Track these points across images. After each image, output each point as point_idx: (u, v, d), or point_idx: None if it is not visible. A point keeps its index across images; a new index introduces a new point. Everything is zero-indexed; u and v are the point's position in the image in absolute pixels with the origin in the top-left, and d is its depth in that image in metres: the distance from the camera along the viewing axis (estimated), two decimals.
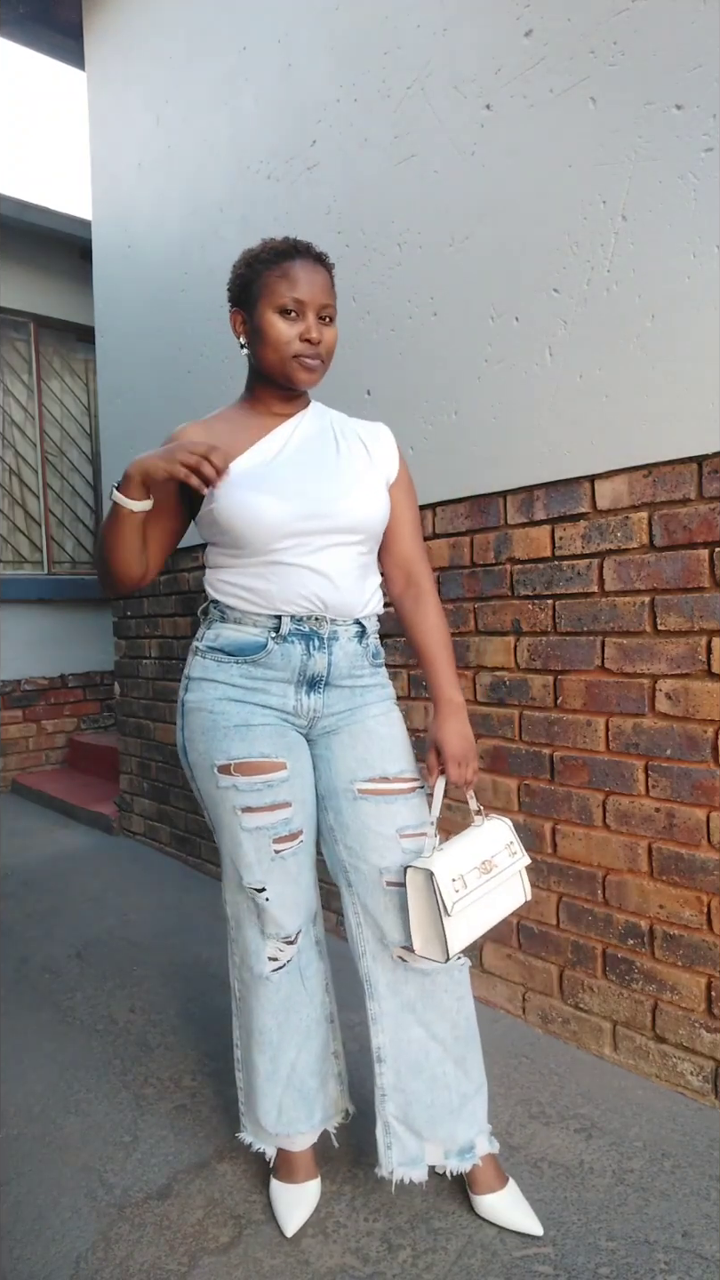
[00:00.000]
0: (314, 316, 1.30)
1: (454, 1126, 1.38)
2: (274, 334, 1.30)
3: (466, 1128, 1.39)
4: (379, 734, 1.39)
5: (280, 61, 2.55)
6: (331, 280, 1.34)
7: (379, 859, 1.34)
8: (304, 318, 1.29)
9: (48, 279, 5.02)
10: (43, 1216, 1.44)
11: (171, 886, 3.11)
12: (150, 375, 3.37)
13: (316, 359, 1.32)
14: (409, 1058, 1.38)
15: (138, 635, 3.65)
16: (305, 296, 1.29)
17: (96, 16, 3.56)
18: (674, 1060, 1.72)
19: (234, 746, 1.32)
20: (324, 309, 1.31)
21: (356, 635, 1.38)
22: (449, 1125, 1.38)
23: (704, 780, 1.64)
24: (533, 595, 1.94)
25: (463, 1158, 1.39)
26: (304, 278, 1.29)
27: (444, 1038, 1.38)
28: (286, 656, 1.33)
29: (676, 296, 1.62)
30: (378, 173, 2.24)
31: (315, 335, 1.30)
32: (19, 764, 4.91)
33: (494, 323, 1.97)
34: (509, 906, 1.37)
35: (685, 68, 1.58)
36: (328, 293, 1.32)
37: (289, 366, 1.31)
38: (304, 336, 1.29)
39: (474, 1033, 1.41)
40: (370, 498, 1.36)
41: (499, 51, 1.90)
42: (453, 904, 1.25)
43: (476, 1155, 1.39)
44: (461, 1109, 1.39)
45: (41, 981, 2.33)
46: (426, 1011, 1.37)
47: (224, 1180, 1.51)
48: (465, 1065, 1.40)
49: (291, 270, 1.29)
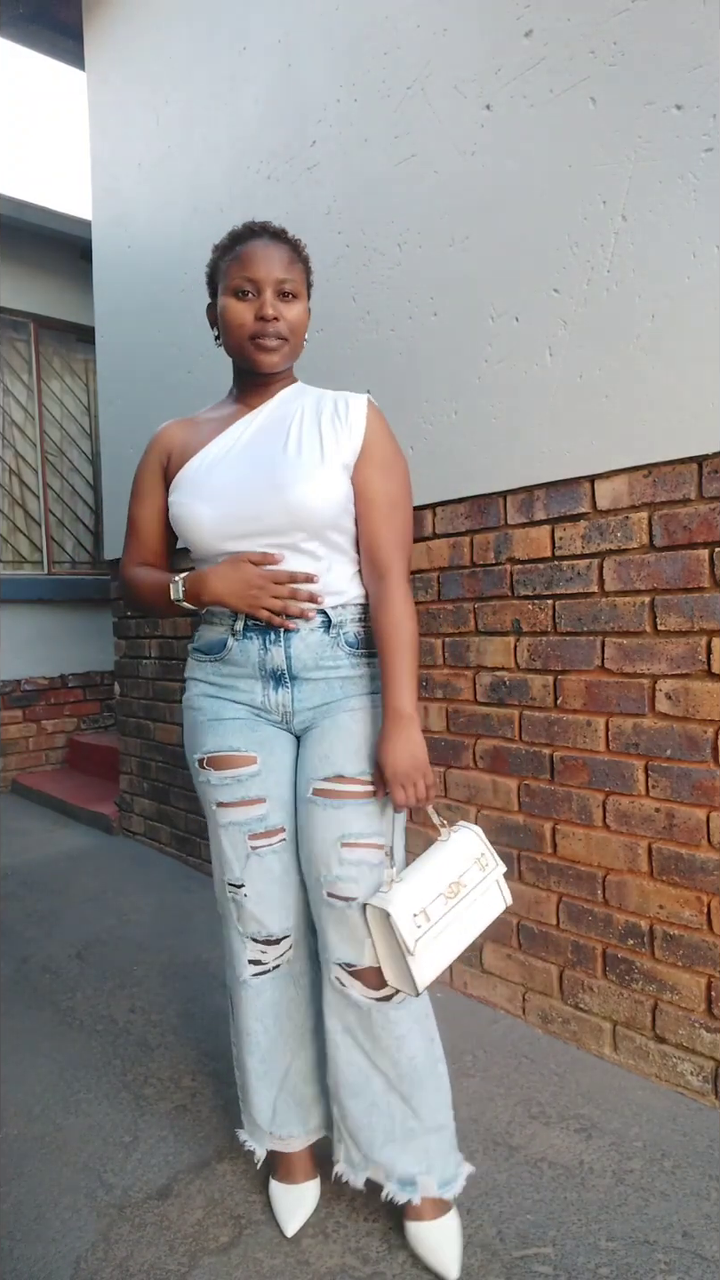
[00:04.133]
0: (271, 293, 1.25)
1: (395, 1155, 1.31)
2: (230, 317, 1.27)
3: (411, 1161, 1.31)
4: (348, 730, 1.30)
5: (280, 61, 2.55)
6: (295, 255, 1.28)
7: (320, 867, 1.28)
8: (259, 296, 1.25)
9: (48, 279, 5.02)
10: (43, 1216, 1.44)
11: (171, 886, 3.11)
12: (150, 375, 3.36)
13: (275, 338, 1.27)
14: (349, 1080, 1.32)
15: (138, 635, 3.66)
16: (258, 274, 1.24)
17: (96, 16, 3.56)
18: (674, 1060, 1.72)
19: (208, 740, 1.34)
20: (281, 284, 1.26)
21: (322, 626, 1.30)
22: (389, 1152, 1.31)
23: (704, 780, 1.64)
24: (533, 595, 1.94)
25: (403, 1188, 1.31)
26: (258, 255, 1.25)
27: (386, 1071, 1.30)
28: (245, 652, 1.31)
29: (676, 296, 1.62)
30: (378, 173, 2.24)
31: (269, 311, 1.25)
32: (19, 764, 4.91)
33: (494, 323, 1.97)
34: (487, 919, 1.28)
35: (685, 68, 1.58)
36: (286, 268, 1.26)
37: (247, 349, 1.28)
38: (259, 315, 1.25)
39: (422, 1074, 1.30)
40: (309, 491, 1.25)
41: (499, 51, 1.90)
42: (414, 942, 1.17)
43: (418, 1192, 1.30)
44: (407, 1142, 1.31)
45: (41, 981, 2.33)
46: (367, 1041, 1.30)
47: (224, 1180, 1.51)
48: (413, 1103, 1.31)
49: (244, 251, 1.26)
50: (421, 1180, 1.31)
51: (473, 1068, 1.83)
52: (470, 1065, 1.84)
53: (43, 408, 5.16)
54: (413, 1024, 1.30)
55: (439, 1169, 1.32)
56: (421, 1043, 1.31)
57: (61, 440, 5.26)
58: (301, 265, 1.30)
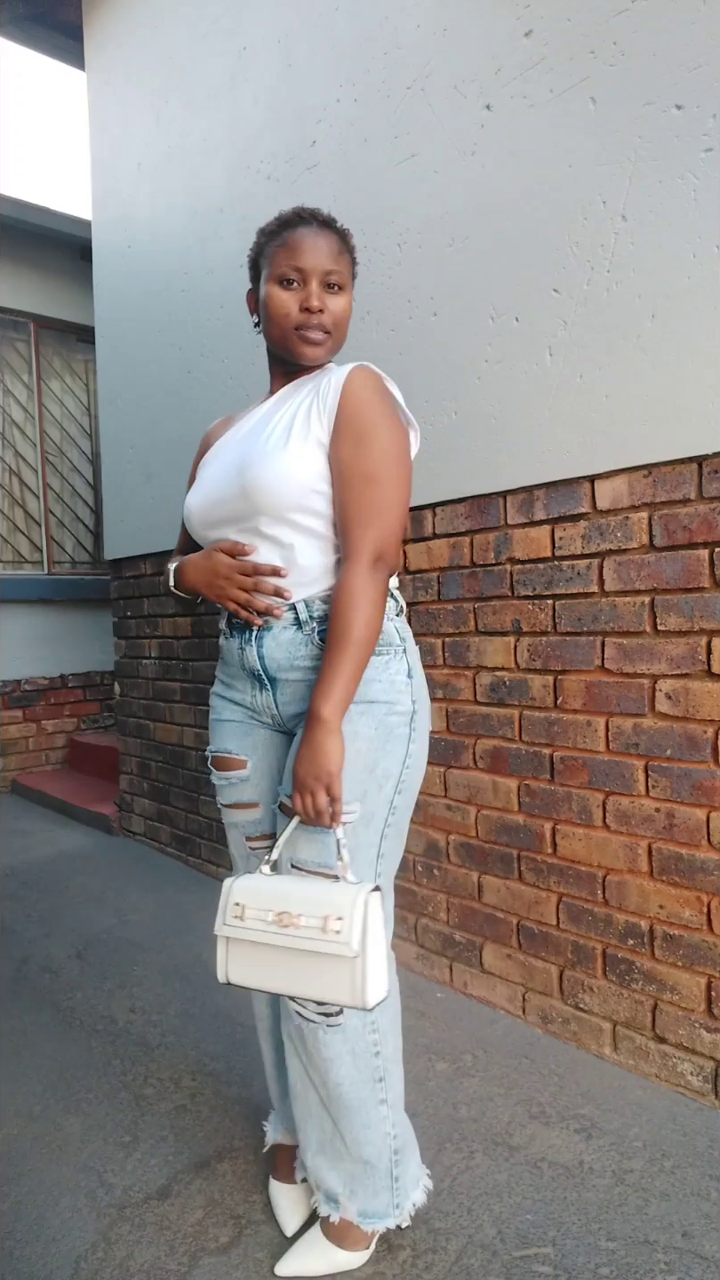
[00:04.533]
0: (317, 284, 1.21)
1: (323, 1168, 1.29)
2: (274, 306, 1.23)
3: (336, 1180, 1.28)
4: None
5: (280, 61, 2.55)
6: (343, 246, 1.25)
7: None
8: (305, 286, 1.21)
9: (48, 279, 5.02)
10: (43, 1216, 1.44)
11: (171, 886, 3.11)
12: (150, 375, 3.36)
13: (320, 330, 1.22)
14: (292, 1082, 1.30)
15: (138, 635, 3.65)
16: (306, 264, 1.20)
17: (96, 16, 3.56)
18: (674, 1060, 1.72)
19: (212, 739, 1.37)
20: (329, 276, 1.22)
21: (292, 623, 1.22)
22: (319, 1162, 1.29)
23: (704, 780, 1.64)
24: (533, 595, 1.94)
25: (326, 1202, 1.30)
26: (306, 244, 1.21)
27: (318, 1088, 1.26)
28: (230, 650, 1.30)
29: (676, 296, 1.62)
30: (378, 173, 2.24)
31: (315, 303, 1.20)
32: (19, 764, 4.91)
33: (494, 323, 1.97)
34: (321, 992, 1.10)
35: (685, 68, 1.58)
36: (334, 259, 1.22)
37: (290, 340, 1.24)
38: (304, 305, 1.21)
39: (350, 1104, 1.23)
40: (262, 471, 1.18)
41: (499, 51, 1.90)
42: (219, 926, 1.14)
43: (339, 1212, 1.28)
44: (335, 1160, 1.28)
45: (41, 981, 2.33)
46: (302, 1053, 1.25)
47: (224, 1180, 1.51)
48: (340, 1128, 1.26)
49: (292, 238, 1.22)
50: (342, 1201, 1.28)
51: (473, 1068, 1.83)
52: (470, 1065, 1.84)
53: (43, 408, 5.16)
54: (343, 1052, 1.22)
55: (362, 1198, 1.28)
56: (351, 1074, 1.23)
57: (61, 440, 5.26)
58: (348, 256, 1.26)
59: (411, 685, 1.24)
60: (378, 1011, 1.23)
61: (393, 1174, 1.29)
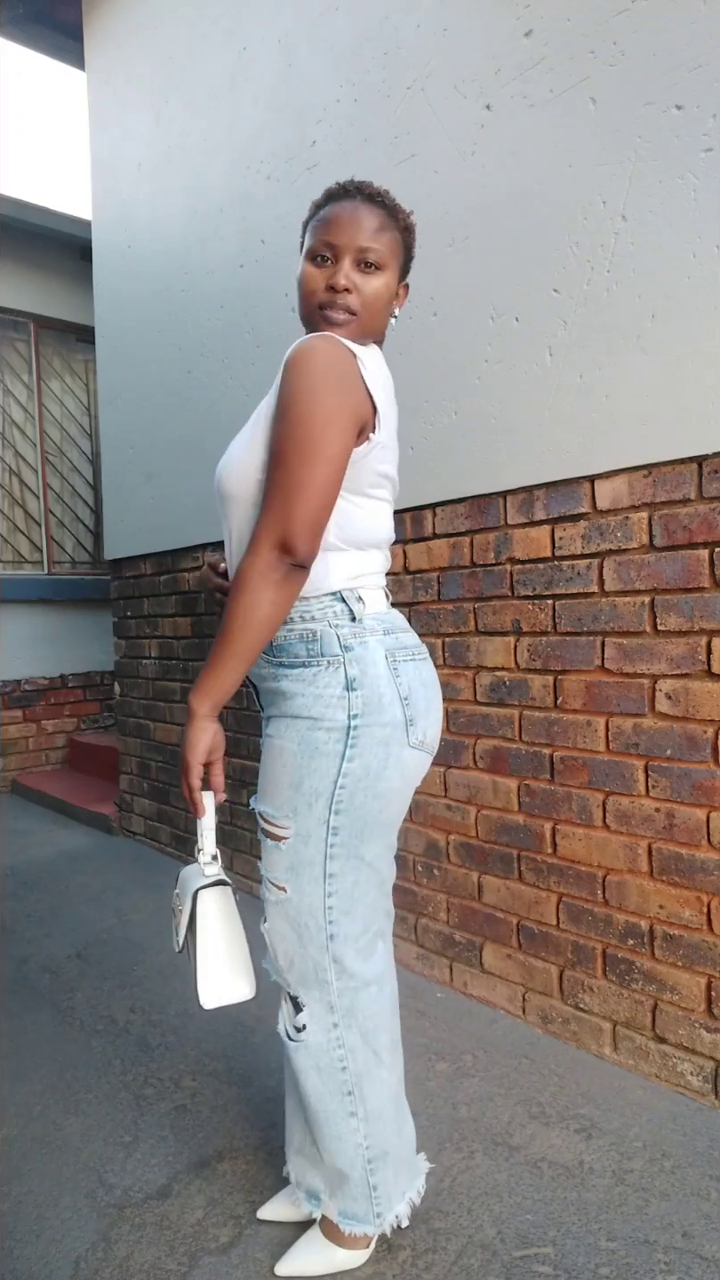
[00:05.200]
0: (350, 262, 1.13)
1: (303, 1164, 1.32)
2: (303, 283, 1.17)
3: (317, 1178, 1.30)
4: (263, 759, 1.20)
5: (280, 61, 2.55)
6: (388, 222, 1.15)
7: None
8: (337, 263, 1.14)
9: (48, 279, 5.02)
10: (43, 1216, 1.44)
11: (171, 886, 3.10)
12: (150, 375, 3.36)
13: (344, 311, 1.14)
14: (285, 1080, 1.32)
15: (138, 635, 3.65)
16: (339, 239, 1.13)
17: (96, 16, 3.56)
18: (674, 1060, 1.72)
19: None
20: (364, 253, 1.13)
21: None
22: (300, 1159, 1.32)
23: (704, 780, 1.64)
24: (533, 595, 1.94)
25: (309, 1199, 1.31)
26: (343, 219, 1.13)
27: (299, 1095, 1.27)
28: None
29: (676, 296, 1.62)
30: (378, 173, 2.23)
31: (341, 281, 1.12)
32: (19, 764, 4.91)
33: (494, 323, 1.97)
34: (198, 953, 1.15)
35: (685, 68, 1.58)
36: (372, 234, 1.13)
37: (315, 319, 1.16)
38: (329, 283, 1.13)
39: (319, 1117, 1.24)
40: (234, 457, 1.15)
41: (499, 51, 1.90)
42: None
43: (320, 1209, 1.30)
44: (314, 1162, 1.29)
45: (41, 981, 2.33)
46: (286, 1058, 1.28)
47: (224, 1180, 1.51)
48: (314, 1135, 1.26)
49: (330, 212, 1.15)
50: (324, 1199, 1.29)
51: (473, 1068, 1.83)
52: (470, 1065, 1.84)
53: (43, 408, 5.16)
54: (308, 1066, 1.22)
55: (341, 1200, 1.27)
56: (318, 1087, 1.22)
57: (61, 440, 5.26)
58: (396, 234, 1.17)
59: (351, 699, 1.13)
60: (344, 1027, 1.21)
61: (369, 1183, 1.26)
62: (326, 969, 1.20)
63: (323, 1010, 1.21)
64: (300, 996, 1.22)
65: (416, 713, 1.18)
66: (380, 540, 1.23)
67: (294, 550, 1.05)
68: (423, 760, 1.22)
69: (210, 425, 2.99)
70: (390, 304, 1.21)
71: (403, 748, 1.17)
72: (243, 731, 2.91)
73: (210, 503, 3.00)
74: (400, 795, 1.20)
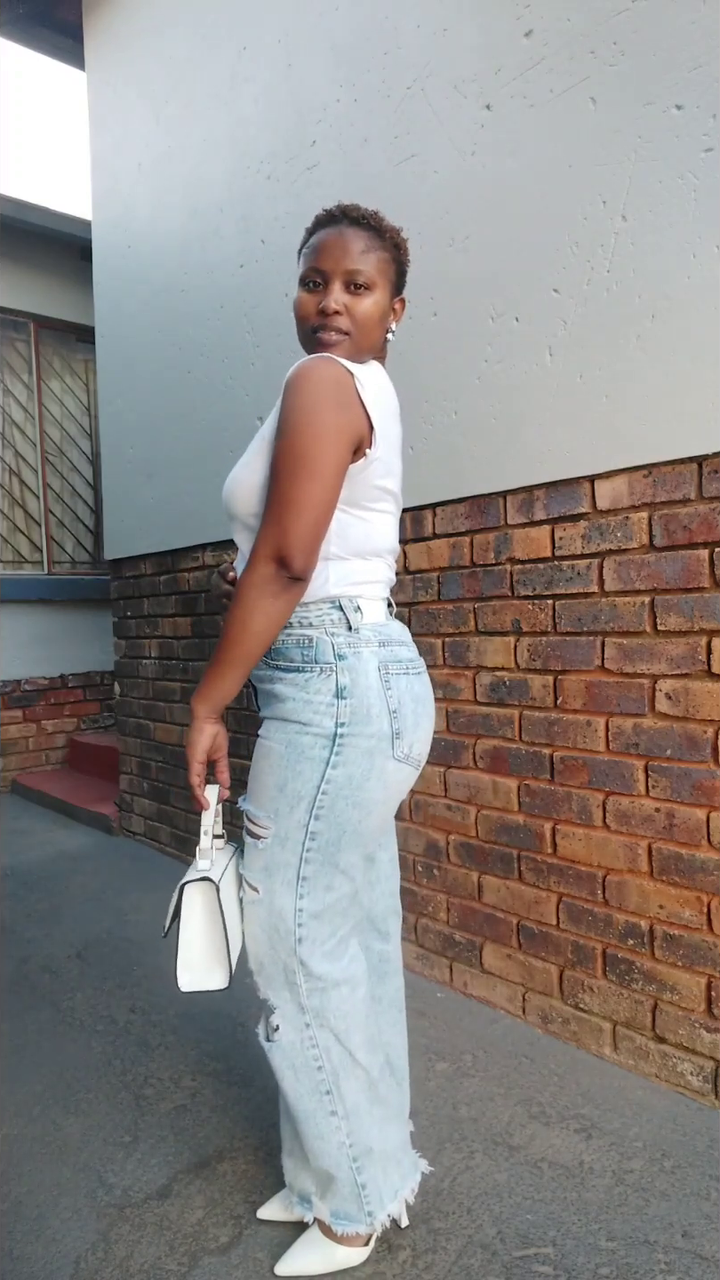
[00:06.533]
0: (339, 285, 1.17)
1: (294, 1167, 1.32)
2: (297, 309, 1.21)
3: (307, 1180, 1.30)
4: (254, 757, 1.23)
5: (280, 61, 2.55)
6: (375, 243, 1.19)
7: None
8: (327, 287, 1.18)
9: (48, 279, 5.02)
10: (43, 1216, 1.44)
11: (171, 886, 3.10)
12: (150, 375, 3.36)
13: (336, 332, 1.18)
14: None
15: (138, 635, 3.65)
16: (327, 264, 1.17)
17: (96, 16, 3.56)
18: (674, 1060, 1.72)
19: None
20: (352, 275, 1.17)
21: None
22: (290, 1161, 1.33)
23: (704, 780, 1.64)
24: (533, 595, 1.94)
25: (301, 1203, 1.32)
26: (330, 244, 1.17)
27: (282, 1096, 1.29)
28: None
29: (676, 296, 1.62)
30: (378, 173, 2.24)
31: (331, 304, 1.16)
32: (19, 764, 4.91)
33: (494, 323, 1.97)
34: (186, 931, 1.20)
35: (685, 68, 1.58)
36: (358, 257, 1.17)
37: (309, 343, 1.21)
38: (320, 307, 1.18)
39: (298, 1117, 1.25)
40: (238, 478, 1.19)
41: (499, 51, 1.90)
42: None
43: (312, 1211, 1.30)
44: (303, 1165, 1.30)
45: (41, 981, 2.33)
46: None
47: (224, 1180, 1.51)
48: (299, 1135, 1.27)
49: (320, 239, 1.19)
50: (315, 1201, 1.29)
51: (473, 1068, 1.83)
52: (470, 1065, 1.84)
53: (43, 408, 5.16)
54: (284, 1066, 1.24)
55: (332, 1200, 1.28)
56: (295, 1087, 1.24)
57: (61, 440, 5.26)
58: (384, 253, 1.20)
59: (340, 707, 1.14)
60: (315, 1026, 1.22)
61: (356, 1181, 1.26)
62: (295, 971, 1.21)
63: (294, 1011, 1.22)
64: (271, 998, 1.24)
65: (404, 726, 1.19)
66: (382, 549, 1.24)
67: (290, 564, 1.08)
68: (408, 774, 1.23)
69: (210, 425, 2.99)
70: (384, 321, 1.24)
71: (387, 759, 1.18)
72: (242, 731, 2.91)
73: (210, 503, 3.01)
74: (381, 806, 1.20)
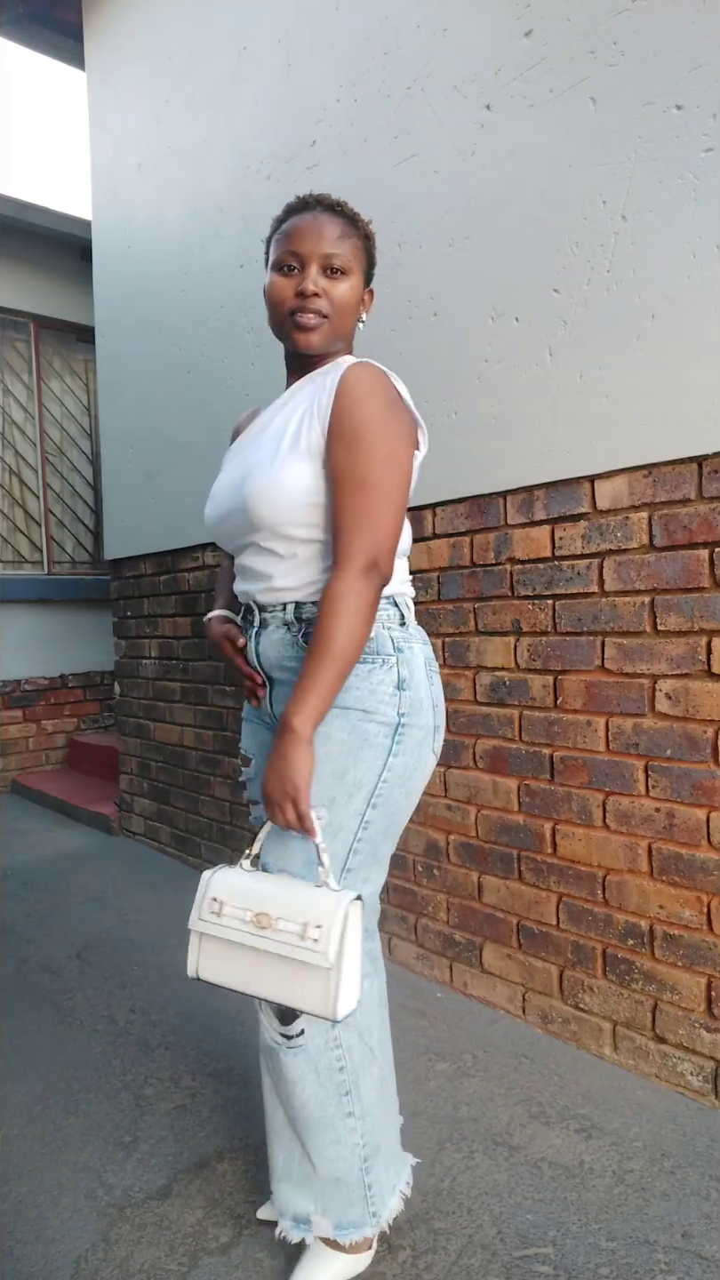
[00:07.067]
0: (316, 269, 1.17)
1: (290, 1190, 1.28)
2: (271, 293, 1.21)
3: (305, 1200, 1.27)
4: None
5: (280, 61, 2.55)
6: (350, 230, 1.20)
7: None
8: (303, 271, 1.18)
9: (48, 279, 5.02)
10: (43, 1216, 1.44)
11: (171, 886, 3.11)
12: (150, 375, 3.36)
13: (314, 314, 1.18)
14: (264, 1102, 1.30)
15: (138, 635, 3.65)
16: (303, 248, 1.17)
17: (96, 16, 3.56)
18: (674, 1060, 1.72)
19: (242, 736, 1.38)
20: (328, 259, 1.17)
21: (283, 622, 1.21)
22: (285, 1186, 1.28)
23: (704, 780, 1.64)
24: (533, 595, 1.94)
25: (296, 1226, 1.27)
26: (306, 228, 1.17)
27: (285, 1108, 1.25)
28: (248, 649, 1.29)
29: (676, 296, 1.62)
30: (378, 173, 2.24)
31: (310, 286, 1.16)
32: (19, 764, 4.91)
33: (494, 323, 1.97)
34: (296, 1000, 1.07)
35: (685, 68, 1.58)
36: (335, 241, 1.17)
37: (286, 327, 1.20)
38: (298, 290, 1.17)
39: (314, 1124, 1.22)
40: (257, 487, 1.15)
41: (499, 51, 1.90)
42: (194, 920, 1.11)
43: (311, 1231, 1.26)
44: (303, 1182, 1.27)
45: (41, 981, 2.33)
46: (273, 1072, 1.25)
47: (224, 1180, 1.51)
48: (308, 1149, 1.24)
49: (292, 224, 1.19)
50: (315, 1220, 1.26)
51: (473, 1068, 1.83)
52: (470, 1065, 1.84)
53: (43, 408, 5.16)
54: (306, 1072, 1.20)
55: (335, 1213, 1.26)
56: (316, 1093, 1.21)
57: (61, 440, 5.26)
58: (358, 241, 1.21)
59: (400, 697, 1.17)
60: (340, 1026, 1.20)
61: (364, 1183, 1.25)
62: None
63: None
64: None
65: (440, 722, 1.25)
66: (408, 548, 1.28)
67: (383, 569, 1.11)
68: (434, 767, 1.28)
69: (210, 425, 2.99)
70: (358, 308, 1.25)
71: (430, 752, 1.23)
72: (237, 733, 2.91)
73: None
74: (418, 797, 1.25)
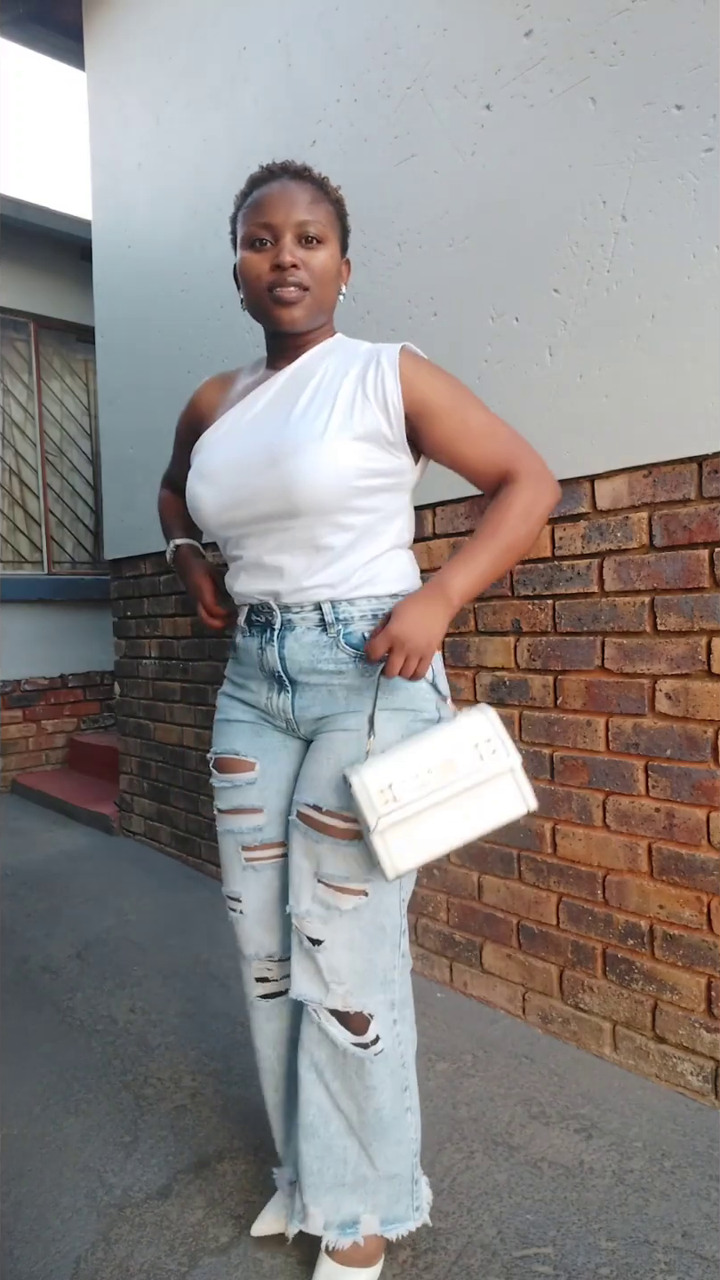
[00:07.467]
0: (290, 239, 1.10)
1: (340, 1198, 1.23)
2: (245, 270, 1.13)
3: (355, 1201, 1.24)
4: (334, 754, 1.15)
5: (280, 61, 2.55)
6: (321, 195, 1.13)
7: (293, 896, 1.19)
8: (277, 243, 1.10)
9: (48, 279, 5.02)
10: (43, 1216, 1.44)
11: (171, 886, 3.11)
12: (150, 375, 3.36)
13: (296, 288, 1.11)
14: (307, 1121, 1.22)
15: (138, 635, 3.65)
16: (275, 219, 1.09)
17: (96, 16, 3.55)
18: (674, 1060, 1.72)
19: (217, 741, 1.30)
20: (303, 226, 1.10)
21: (317, 624, 1.15)
22: (335, 1195, 1.23)
23: (704, 780, 1.64)
24: (533, 595, 1.94)
25: (343, 1232, 1.23)
26: (275, 198, 1.09)
27: (349, 1113, 1.21)
28: (248, 649, 1.22)
29: (676, 296, 1.62)
30: (378, 173, 2.24)
31: (286, 258, 1.08)
32: (19, 764, 4.91)
33: (494, 323, 1.97)
34: (495, 818, 1.12)
35: (685, 68, 1.58)
36: (307, 208, 1.10)
37: (265, 303, 1.13)
38: (275, 263, 1.10)
39: (387, 1125, 1.21)
40: (308, 465, 1.07)
41: (499, 51, 1.90)
42: (376, 821, 1.05)
43: (360, 1231, 1.23)
44: (356, 1187, 1.24)
45: (41, 981, 2.33)
46: (334, 1081, 1.21)
47: (224, 1180, 1.51)
48: (370, 1151, 1.22)
49: (260, 196, 1.11)
50: (365, 1219, 1.24)
51: (473, 1068, 1.83)
52: (470, 1065, 1.84)
53: (43, 408, 5.16)
54: (387, 1076, 1.20)
55: (384, 1209, 1.25)
56: (392, 1094, 1.21)
57: (61, 440, 5.26)
58: (330, 206, 1.14)
59: (437, 693, 1.22)
60: (401, 1022, 1.20)
61: (413, 1176, 1.28)
62: (393, 968, 1.19)
63: (386, 1012, 1.19)
64: (365, 1008, 1.17)
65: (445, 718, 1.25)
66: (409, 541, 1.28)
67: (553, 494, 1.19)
68: None
69: None
70: (337, 278, 1.18)
71: None
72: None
73: None
74: None
